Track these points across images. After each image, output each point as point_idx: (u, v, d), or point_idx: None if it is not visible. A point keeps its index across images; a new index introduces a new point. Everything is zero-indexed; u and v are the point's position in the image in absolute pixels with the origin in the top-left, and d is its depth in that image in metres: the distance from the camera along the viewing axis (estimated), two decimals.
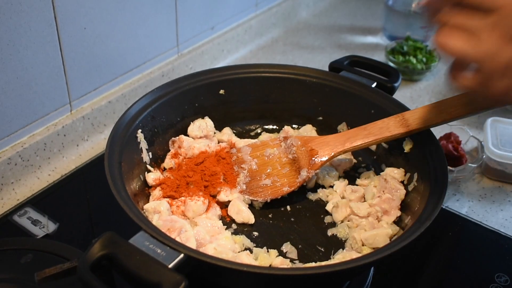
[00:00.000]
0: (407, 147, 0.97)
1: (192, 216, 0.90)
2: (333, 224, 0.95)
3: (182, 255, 0.68)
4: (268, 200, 0.96)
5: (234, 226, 0.93)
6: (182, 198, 0.93)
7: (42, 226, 0.97)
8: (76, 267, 0.67)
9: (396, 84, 1.07)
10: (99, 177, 1.01)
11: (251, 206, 0.96)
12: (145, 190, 0.95)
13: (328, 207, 0.96)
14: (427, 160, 0.91)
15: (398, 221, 0.92)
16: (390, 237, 0.89)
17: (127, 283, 0.68)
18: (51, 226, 0.97)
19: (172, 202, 0.91)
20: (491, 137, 1.14)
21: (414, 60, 1.46)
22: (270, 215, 0.96)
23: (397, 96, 1.07)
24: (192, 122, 1.06)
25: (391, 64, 1.48)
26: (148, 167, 0.97)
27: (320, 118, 1.12)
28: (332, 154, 0.95)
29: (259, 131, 1.14)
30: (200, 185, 0.95)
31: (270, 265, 0.85)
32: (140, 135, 0.95)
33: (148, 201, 0.94)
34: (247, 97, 1.11)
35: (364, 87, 1.06)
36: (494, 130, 1.16)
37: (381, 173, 0.99)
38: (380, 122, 0.97)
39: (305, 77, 1.11)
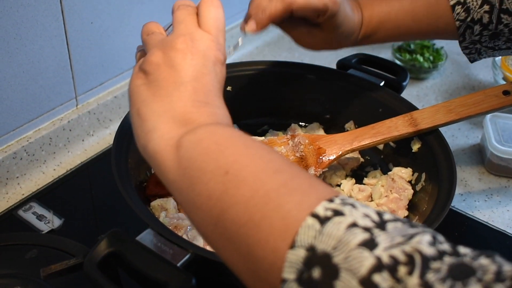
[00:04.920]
0: (415, 147, 0.97)
1: None
2: None
3: (189, 254, 0.68)
4: None
5: None
6: None
7: (47, 221, 0.97)
8: (82, 263, 0.67)
9: (404, 83, 1.06)
10: (105, 172, 1.01)
11: None
12: None
13: None
14: (435, 160, 0.91)
15: None
16: None
17: (133, 281, 0.68)
18: (56, 222, 0.97)
19: None
20: (493, 133, 1.13)
21: (421, 59, 1.46)
22: None
23: (404, 94, 1.06)
24: None
25: (398, 62, 1.48)
26: None
27: (328, 116, 1.11)
28: (340, 153, 0.95)
29: (265, 128, 1.13)
30: None
31: None
32: None
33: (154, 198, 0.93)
34: (253, 94, 1.11)
35: (372, 86, 1.05)
36: (494, 126, 1.16)
37: (389, 173, 0.99)
38: (388, 121, 0.96)
39: (312, 75, 1.10)
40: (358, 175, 1.03)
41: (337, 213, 0.44)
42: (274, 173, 0.50)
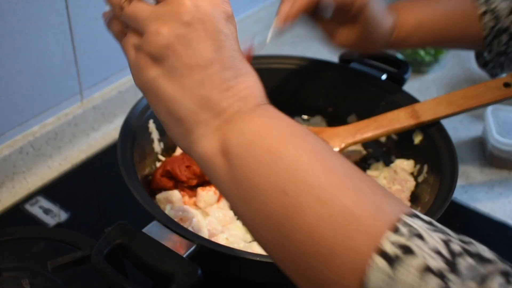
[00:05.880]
0: (417, 139, 0.98)
1: (204, 206, 0.90)
2: None
3: (195, 245, 0.69)
4: None
5: None
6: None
7: (54, 215, 0.98)
8: (89, 256, 0.68)
9: (406, 76, 1.07)
10: (109, 167, 1.01)
11: None
12: None
13: None
14: (437, 151, 0.91)
15: None
16: None
17: (140, 272, 0.69)
18: (62, 215, 0.98)
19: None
20: (494, 125, 1.14)
21: (422, 52, 1.46)
22: None
23: (405, 87, 1.07)
24: None
25: (399, 55, 1.48)
26: (160, 157, 0.98)
27: (330, 109, 1.12)
28: (343, 145, 0.96)
29: None
30: None
31: None
32: (152, 125, 0.95)
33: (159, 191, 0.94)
34: None
35: (374, 79, 1.06)
36: (495, 118, 1.16)
37: (391, 165, 0.99)
38: (391, 114, 0.97)
39: (315, 68, 1.11)
40: (361, 167, 1.04)
41: (406, 250, 0.42)
42: (338, 191, 0.46)
